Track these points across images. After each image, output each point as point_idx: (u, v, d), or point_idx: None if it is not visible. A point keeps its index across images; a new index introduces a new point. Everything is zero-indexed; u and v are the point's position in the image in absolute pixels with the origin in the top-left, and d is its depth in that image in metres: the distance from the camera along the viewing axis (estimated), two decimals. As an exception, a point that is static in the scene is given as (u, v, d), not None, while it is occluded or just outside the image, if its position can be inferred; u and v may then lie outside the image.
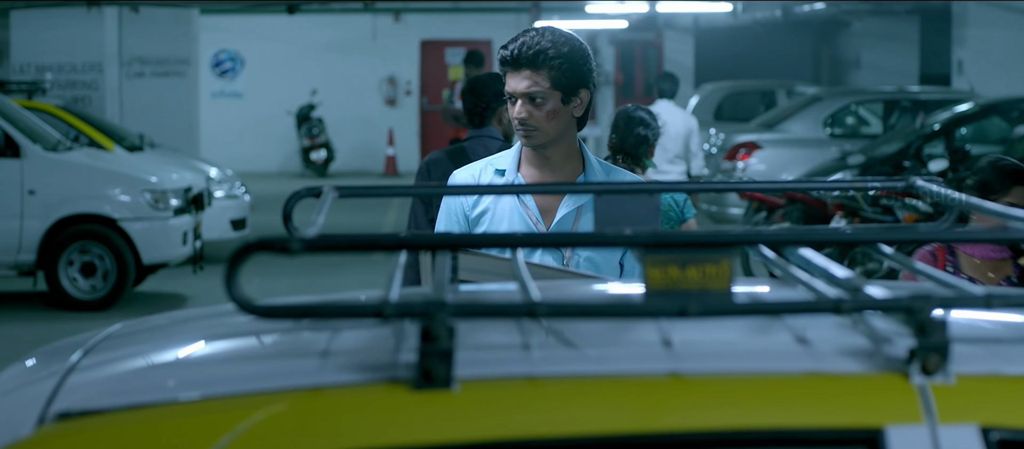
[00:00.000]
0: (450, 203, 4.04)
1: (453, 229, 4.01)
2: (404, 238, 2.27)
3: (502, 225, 3.96)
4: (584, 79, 3.94)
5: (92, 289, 12.83)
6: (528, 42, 3.91)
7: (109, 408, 2.20)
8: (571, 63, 3.91)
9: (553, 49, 3.89)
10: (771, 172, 16.44)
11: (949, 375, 2.18)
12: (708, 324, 2.38)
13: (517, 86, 3.92)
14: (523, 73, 3.90)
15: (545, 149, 3.97)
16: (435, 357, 2.12)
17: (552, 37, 3.92)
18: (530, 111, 3.91)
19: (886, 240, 2.41)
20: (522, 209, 3.95)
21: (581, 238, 2.31)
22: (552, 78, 3.90)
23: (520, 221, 3.95)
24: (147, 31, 20.15)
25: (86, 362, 2.51)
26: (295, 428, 2.13)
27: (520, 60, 3.90)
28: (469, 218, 4.00)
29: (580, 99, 3.94)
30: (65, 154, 13.09)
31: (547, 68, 3.89)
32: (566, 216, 3.94)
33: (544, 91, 3.90)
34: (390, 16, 29.02)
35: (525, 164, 4.02)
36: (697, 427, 2.14)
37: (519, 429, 2.12)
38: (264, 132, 28.98)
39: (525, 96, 3.91)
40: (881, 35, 28.24)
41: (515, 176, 3.99)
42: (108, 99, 19.01)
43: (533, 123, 3.91)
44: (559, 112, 3.92)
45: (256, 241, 2.13)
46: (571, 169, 4.00)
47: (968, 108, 15.11)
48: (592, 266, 3.92)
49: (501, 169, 4.02)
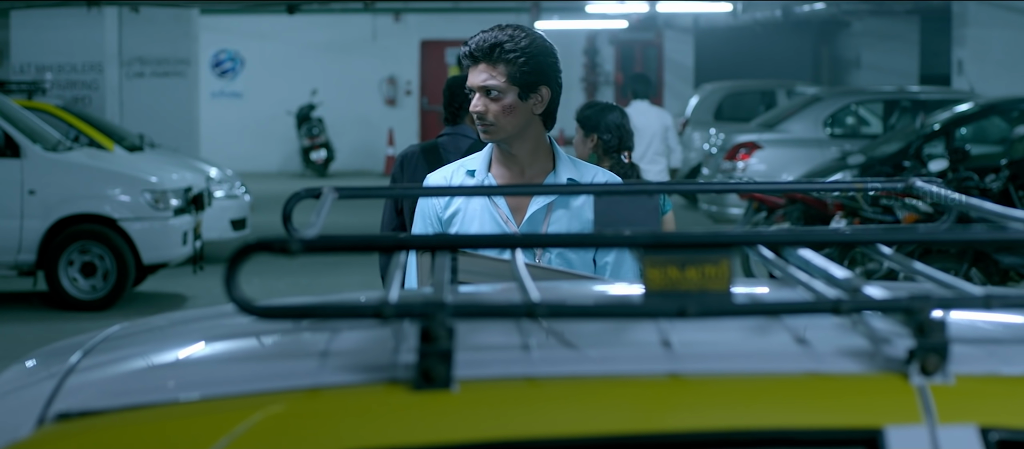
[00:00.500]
0: (424, 205, 4.07)
1: (428, 231, 4.03)
2: (403, 239, 2.27)
3: (473, 225, 3.98)
4: (544, 77, 3.94)
5: (92, 289, 12.83)
6: (486, 37, 3.95)
7: (108, 409, 2.20)
8: (530, 59, 3.92)
9: (511, 43, 3.91)
10: (771, 172, 16.44)
11: (948, 376, 2.18)
12: (707, 324, 2.38)
13: (474, 80, 3.95)
14: (480, 67, 3.94)
15: (508, 146, 3.99)
16: (435, 357, 2.12)
17: (512, 33, 3.94)
18: (487, 105, 3.93)
19: (885, 241, 2.41)
20: (492, 208, 3.97)
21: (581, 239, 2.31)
22: (508, 73, 3.91)
23: (491, 220, 3.97)
24: (147, 31, 20.15)
25: (86, 363, 2.51)
26: (294, 429, 2.13)
27: (477, 55, 3.94)
28: (441, 219, 4.02)
29: (540, 96, 3.95)
30: (65, 154, 13.09)
31: (503, 63, 3.91)
32: (536, 213, 3.96)
33: (500, 86, 3.91)
34: (390, 16, 29.02)
35: (495, 164, 4.05)
36: (696, 427, 2.14)
37: (519, 429, 2.12)
38: (264, 132, 28.98)
39: (482, 90, 3.94)
40: (881, 35, 28.23)
41: (486, 175, 4.02)
42: (108, 99, 19.01)
43: (490, 118, 3.93)
44: (516, 108, 3.93)
45: (255, 242, 2.13)
46: (540, 166, 4.01)
47: (968, 108, 15.11)
48: (565, 263, 3.94)
49: (472, 170, 4.05)
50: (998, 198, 12.36)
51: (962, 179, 12.49)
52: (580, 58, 29.45)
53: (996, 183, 12.34)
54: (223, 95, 29.29)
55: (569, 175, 3.98)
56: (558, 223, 3.96)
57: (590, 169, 4.04)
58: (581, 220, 3.96)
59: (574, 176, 3.99)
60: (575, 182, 3.99)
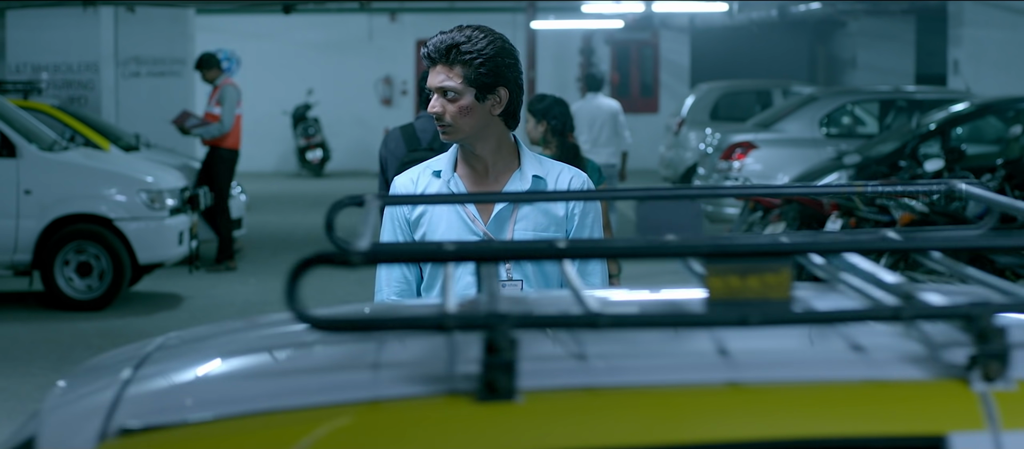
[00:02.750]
0: (391, 208, 4.07)
1: (397, 234, 4.05)
2: (461, 249, 2.26)
3: (440, 226, 3.99)
4: (502, 78, 3.96)
5: (88, 289, 12.82)
6: (444, 39, 3.98)
7: (170, 423, 2.18)
8: (487, 60, 3.94)
9: (467, 45, 3.94)
10: (767, 172, 16.44)
11: (1010, 381, 2.17)
12: (763, 332, 2.36)
13: (432, 81, 3.98)
14: (437, 68, 3.96)
15: (471, 146, 4.00)
16: (499, 369, 2.11)
17: (470, 34, 3.97)
18: (444, 106, 3.95)
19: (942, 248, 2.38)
20: (459, 208, 3.99)
21: (648, 250, 2.29)
22: (465, 75, 3.93)
23: (458, 220, 3.98)
24: (143, 31, 20.13)
25: (142, 374, 2.49)
26: (359, 442, 2.11)
27: (434, 56, 3.96)
28: (409, 221, 4.04)
29: (498, 97, 3.96)
30: (61, 154, 13.08)
31: (460, 64, 3.93)
32: (502, 211, 3.98)
33: (457, 87, 3.93)
34: (386, 16, 29.01)
35: (461, 163, 4.07)
36: (757, 436, 2.13)
37: (583, 439, 2.11)
38: (260, 132, 28.96)
39: (439, 91, 3.96)
40: (877, 35, 28.25)
41: (451, 175, 4.04)
42: (104, 99, 19.00)
43: (447, 118, 3.95)
44: (473, 109, 3.94)
45: (315, 255, 2.13)
46: (504, 165, 4.03)
47: (964, 108, 15.11)
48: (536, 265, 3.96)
49: (437, 171, 4.07)
50: (994, 198, 12.38)
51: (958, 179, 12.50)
52: (576, 58, 29.45)
53: (992, 183, 12.34)
54: (219, 95, 29.26)
55: (534, 172, 4.01)
56: (524, 220, 3.98)
57: (555, 166, 4.06)
58: (548, 216, 3.98)
59: (539, 173, 4.01)
60: (540, 179, 4.01)
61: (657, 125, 28.77)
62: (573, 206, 4.00)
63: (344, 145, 28.85)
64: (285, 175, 28.44)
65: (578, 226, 4.00)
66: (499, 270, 3.93)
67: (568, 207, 3.99)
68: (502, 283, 3.91)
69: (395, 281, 4.04)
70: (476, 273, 3.96)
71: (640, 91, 30.37)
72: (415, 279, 4.04)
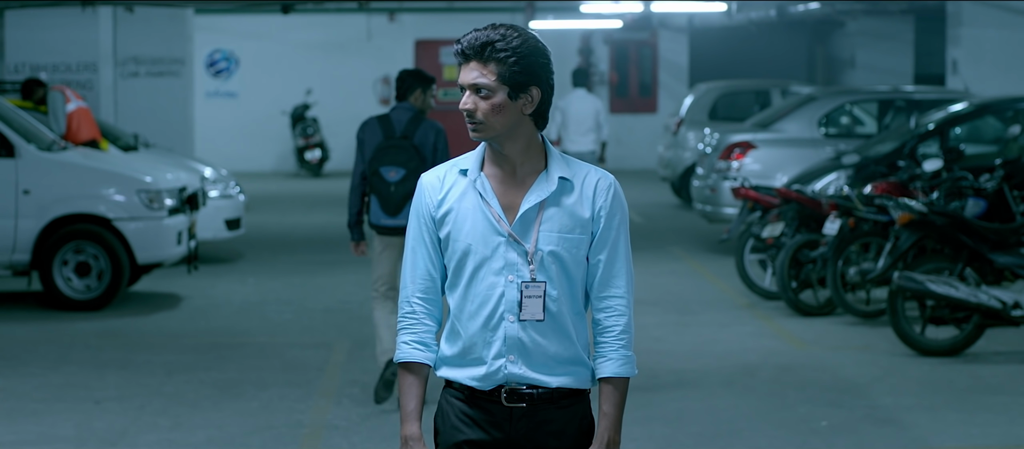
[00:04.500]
0: (417, 206, 4.03)
1: (423, 232, 4.01)
2: None
3: (465, 225, 3.95)
4: (535, 77, 3.92)
5: (87, 289, 12.82)
6: (479, 35, 3.92)
7: None
8: (521, 59, 3.90)
9: (502, 43, 3.89)
10: (766, 172, 16.43)
11: None
12: None
13: (465, 78, 3.92)
14: (471, 65, 3.91)
15: (499, 145, 3.96)
16: None
17: (504, 32, 3.92)
18: (476, 103, 3.91)
19: None
20: (485, 207, 3.95)
21: None
22: (499, 72, 3.89)
23: (483, 219, 3.95)
24: (142, 31, 20.14)
25: None
26: None
27: (468, 53, 3.91)
28: (435, 219, 4.00)
29: (530, 97, 3.93)
30: (60, 154, 13.08)
31: (495, 61, 3.89)
32: (528, 211, 3.94)
33: (490, 84, 3.89)
34: (385, 16, 29.01)
35: (488, 163, 4.01)
36: None
37: None
38: (259, 132, 28.97)
39: (472, 88, 3.91)
40: (876, 35, 28.25)
41: (478, 175, 3.99)
42: (103, 99, 18.99)
43: (479, 116, 3.90)
44: (505, 107, 3.90)
45: None
46: (531, 166, 3.98)
47: (963, 108, 15.11)
48: (556, 261, 3.94)
49: (464, 169, 4.02)
50: (993, 198, 12.38)
51: (957, 179, 12.49)
52: (574, 58, 29.45)
53: (991, 183, 12.35)
54: (218, 95, 29.28)
55: (561, 173, 3.96)
56: (550, 221, 3.94)
57: (582, 167, 4.01)
58: (574, 218, 3.95)
59: (566, 174, 3.97)
60: (567, 181, 3.96)
61: (656, 125, 28.77)
62: (599, 208, 3.95)
63: (343, 145, 28.84)
64: (284, 175, 28.45)
65: (604, 228, 3.96)
66: (524, 271, 3.94)
67: (594, 209, 3.95)
68: (525, 284, 3.91)
69: (420, 279, 4.02)
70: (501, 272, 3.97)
71: (639, 91, 30.37)
72: (440, 276, 4.02)
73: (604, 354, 3.97)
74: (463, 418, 3.95)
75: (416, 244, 4.01)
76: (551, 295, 3.91)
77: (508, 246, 3.92)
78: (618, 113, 30.01)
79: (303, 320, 12.39)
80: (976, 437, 8.43)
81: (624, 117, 30.00)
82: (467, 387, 3.94)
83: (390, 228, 9.01)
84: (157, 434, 8.48)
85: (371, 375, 9.85)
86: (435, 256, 4.00)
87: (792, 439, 8.34)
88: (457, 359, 3.96)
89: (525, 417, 3.93)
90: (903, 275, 10.55)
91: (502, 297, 3.90)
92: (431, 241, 4.00)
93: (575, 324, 3.95)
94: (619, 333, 3.97)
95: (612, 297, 3.97)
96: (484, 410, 3.94)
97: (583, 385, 3.97)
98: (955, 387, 9.69)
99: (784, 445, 8.24)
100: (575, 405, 3.96)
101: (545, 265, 3.92)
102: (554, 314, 3.91)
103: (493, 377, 3.91)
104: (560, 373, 3.93)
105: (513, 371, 3.91)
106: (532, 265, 3.92)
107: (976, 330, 10.55)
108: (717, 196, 16.77)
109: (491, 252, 3.92)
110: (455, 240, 3.95)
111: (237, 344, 11.23)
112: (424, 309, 4.00)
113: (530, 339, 3.90)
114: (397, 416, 8.83)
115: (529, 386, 3.92)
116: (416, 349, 3.99)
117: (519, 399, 3.92)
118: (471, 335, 3.92)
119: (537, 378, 3.91)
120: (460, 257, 3.94)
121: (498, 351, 3.90)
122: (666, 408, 9.04)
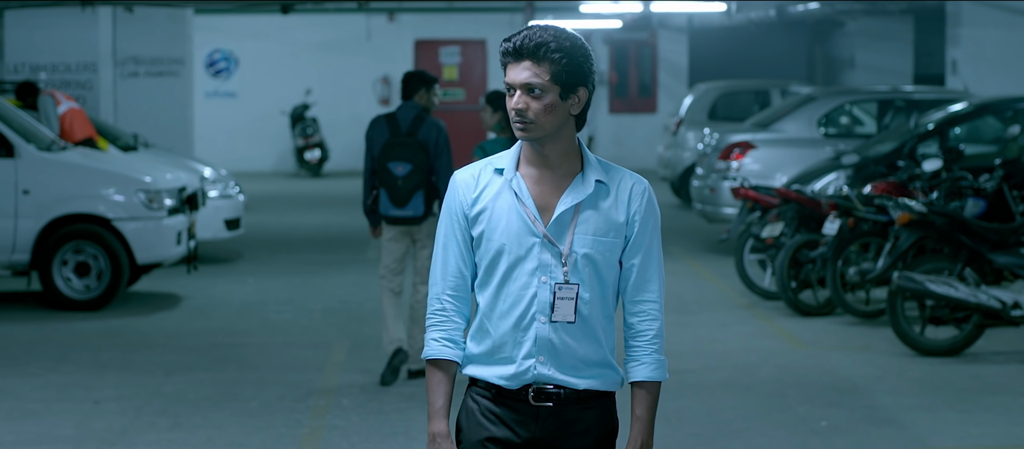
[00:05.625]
0: (450, 203, 4.02)
1: (454, 230, 4.00)
2: None
3: (500, 225, 3.94)
4: (584, 78, 3.92)
5: (86, 289, 12.81)
6: (531, 35, 3.90)
7: None
8: (572, 59, 3.89)
9: (555, 43, 3.88)
10: (765, 172, 16.43)
11: None
12: None
13: (517, 77, 3.90)
14: (524, 64, 3.89)
15: (541, 145, 3.95)
16: None
17: (555, 32, 3.91)
18: (528, 103, 3.89)
19: None
20: (520, 208, 3.94)
21: None
22: (552, 72, 3.88)
23: (518, 219, 3.94)
24: (141, 31, 20.13)
25: None
26: None
27: (522, 51, 3.89)
28: (468, 217, 3.99)
29: (578, 97, 3.93)
30: (59, 154, 13.08)
31: (548, 61, 3.88)
32: (564, 214, 3.93)
33: (543, 84, 3.88)
34: (384, 16, 29.00)
35: (524, 163, 4.00)
36: None
37: None
38: (258, 132, 28.96)
39: (524, 87, 3.89)
40: (875, 35, 28.24)
41: (514, 175, 3.97)
42: (102, 99, 18.99)
43: (530, 115, 3.89)
44: (556, 107, 3.90)
45: None
46: (569, 167, 3.97)
47: (962, 108, 15.11)
48: (590, 265, 3.93)
49: (500, 168, 4.00)
50: (992, 198, 12.38)
51: (956, 179, 12.50)
52: (574, 58, 29.45)
53: (990, 183, 12.35)
54: (217, 95, 29.27)
55: (597, 177, 3.96)
56: (586, 224, 3.93)
57: (618, 172, 4.01)
58: (609, 221, 3.94)
59: (602, 178, 3.96)
60: (603, 184, 3.96)
61: (655, 125, 28.77)
62: (634, 212, 3.95)
63: (342, 145, 28.85)
64: (283, 175, 28.44)
65: (639, 233, 3.96)
66: (557, 273, 3.93)
67: (629, 213, 3.95)
68: (558, 285, 3.91)
69: (451, 276, 4.00)
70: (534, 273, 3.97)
71: (638, 91, 30.36)
72: (470, 274, 4.01)
73: (637, 358, 3.98)
74: (489, 416, 3.95)
75: (447, 241, 4.01)
76: (583, 298, 3.91)
77: (543, 247, 3.92)
78: (617, 113, 30.02)
79: (303, 320, 12.39)
80: (976, 437, 8.43)
81: (623, 117, 30.00)
82: (494, 385, 3.94)
83: (398, 218, 9.65)
84: (157, 434, 8.48)
85: (371, 376, 9.86)
86: (466, 254, 3.99)
87: (791, 439, 8.34)
88: (485, 358, 3.96)
89: (552, 417, 3.93)
90: (903, 275, 10.55)
91: (534, 298, 3.91)
92: (463, 239, 3.99)
93: (604, 327, 3.96)
94: (652, 337, 3.98)
95: (646, 301, 3.98)
96: (511, 408, 3.94)
97: (610, 387, 3.98)
98: (955, 387, 9.69)
99: (783, 445, 8.24)
100: (601, 406, 3.97)
101: (578, 267, 3.92)
102: (585, 316, 3.92)
103: (521, 377, 3.92)
104: (588, 375, 3.94)
105: (542, 372, 3.91)
106: (566, 267, 3.92)
107: (976, 330, 10.55)
108: (717, 196, 16.77)
109: (525, 252, 3.92)
110: (489, 239, 3.95)
111: (237, 344, 11.23)
112: (454, 306, 4.00)
113: (560, 341, 3.91)
114: (396, 417, 8.85)
115: (556, 386, 3.92)
116: (446, 346, 3.98)
117: (546, 398, 3.93)
118: (501, 334, 3.93)
119: (565, 379, 3.92)
120: (493, 256, 3.94)
121: (528, 351, 3.91)
122: (666, 408, 9.02)
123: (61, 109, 14.49)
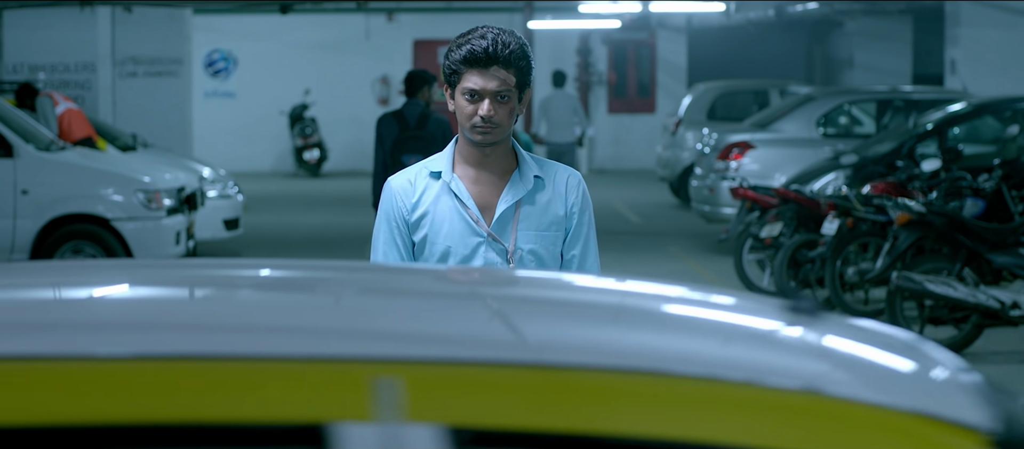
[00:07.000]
0: (388, 209, 4.00)
1: (394, 235, 4.00)
2: None
3: (443, 228, 3.95)
4: (530, 77, 3.97)
5: (85, 289, 12.79)
6: (502, 40, 3.89)
7: None
8: (529, 62, 3.94)
9: (519, 48, 3.91)
10: (764, 172, 16.42)
11: None
12: None
13: (488, 85, 3.88)
14: (494, 71, 3.87)
15: (491, 148, 3.96)
16: None
17: (514, 36, 3.94)
18: (496, 109, 3.89)
19: None
20: (462, 210, 3.95)
21: None
22: (517, 78, 3.91)
23: (461, 221, 3.96)
24: (140, 31, 20.14)
25: None
26: None
27: (497, 58, 3.88)
28: (408, 223, 3.99)
29: (525, 98, 3.98)
30: (58, 154, 13.07)
31: (515, 67, 3.90)
32: (506, 211, 3.96)
33: (510, 90, 3.90)
34: (383, 16, 29.00)
35: (460, 164, 4.00)
36: None
37: None
38: (257, 132, 28.96)
39: (494, 95, 3.88)
40: (874, 35, 28.25)
41: (450, 177, 3.98)
42: (101, 99, 19.00)
43: (497, 120, 3.89)
44: (515, 110, 3.94)
45: None
46: (506, 165, 4.00)
47: (961, 108, 15.12)
48: (535, 258, 3.96)
49: (436, 171, 4.00)
50: (991, 197, 12.38)
51: (955, 179, 12.49)
52: (573, 58, 29.46)
53: (989, 183, 12.35)
54: (216, 95, 29.27)
55: (533, 172, 3.99)
56: (528, 219, 3.97)
57: (552, 165, 4.04)
58: (549, 216, 3.97)
59: (539, 173, 4.00)
60: (540, 179, 3.99)
61: (654, 125, 28.76)
62: (572, 205, 3.99)
63: (341, 145, 28.85)
64: (282, 175, 28.43)
65: (577, 224, 4.00)
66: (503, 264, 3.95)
67: (567, 206, 3.99)
68: None
69: None
70: None
71: (637, 91, 30.37)
72: None
73: None
74: None
75: (388, 248, 4.00)
76: None
77: (488, 246, 3.95)
78: (616, 113, 30.02)
79: (301, 320, 12.36)
80: (974, 437, 8.42)
81: (622, 117, 30.00)
82: None
83: None
84: (155, 434, 8.46)
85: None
86: (408, 259, 4.00)
87: (791, 439, 8.33)
88: None
89: None
90: (901, 275, 10.55)
91: None
92: (404, 244, 3.99)
93: None
94: None
95: None
96: None
97: None
98: (953, 387, 9.68)
99: (783, 445, 8.23)
100: None
101: (525, 263, 3.95)
102: None
103: None
104: None
105: None
106: (512, 264, 3.95)
107: (975, 330, 10.55)
108: (715, 196, 16.76)
109: (471, 252, 3.95)
110: (433, 243, 3.96)
111: (235, 344, 11.20)
112: None
113: None
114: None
115: None
116: None
117: None
118: None
119: None
120: (438, 259, 3.96)
121: None
122: (665, 408, 9.02)
123: (59, 109, 14.50)
